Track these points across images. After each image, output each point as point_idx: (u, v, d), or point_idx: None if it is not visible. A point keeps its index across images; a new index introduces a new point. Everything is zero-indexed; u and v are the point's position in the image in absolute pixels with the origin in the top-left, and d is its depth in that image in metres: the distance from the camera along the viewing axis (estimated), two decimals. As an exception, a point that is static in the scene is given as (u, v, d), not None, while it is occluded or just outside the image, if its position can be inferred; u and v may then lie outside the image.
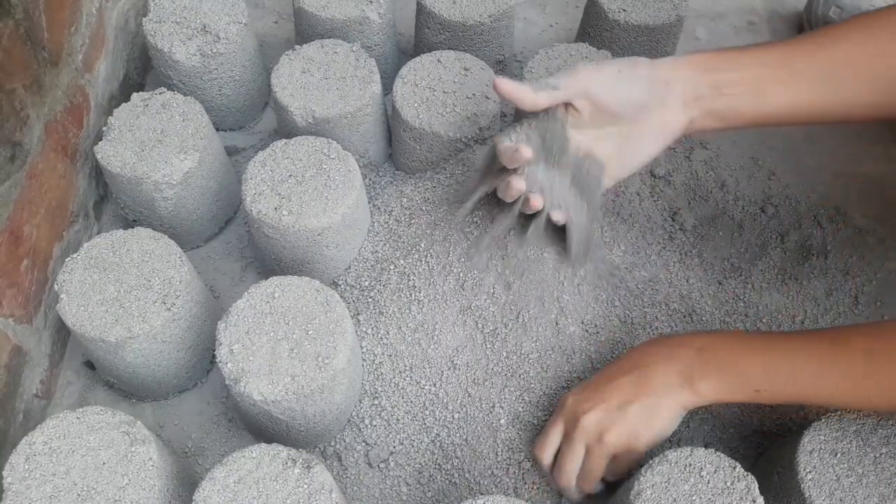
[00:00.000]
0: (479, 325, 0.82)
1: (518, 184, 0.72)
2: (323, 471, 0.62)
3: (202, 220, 0.90)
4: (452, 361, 0.81)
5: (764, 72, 0.68)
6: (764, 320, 0.85)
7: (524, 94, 0.69)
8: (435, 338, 0.82)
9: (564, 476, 0.71)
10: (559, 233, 0.79)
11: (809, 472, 0.66)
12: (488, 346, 0.82)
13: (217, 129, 0.91)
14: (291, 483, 0.61)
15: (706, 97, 0.69)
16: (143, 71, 1.08)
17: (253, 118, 1.05)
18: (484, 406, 0.79)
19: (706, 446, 0.66)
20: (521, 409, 0.79)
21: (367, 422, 0.78)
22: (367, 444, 0.77)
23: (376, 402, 0.78)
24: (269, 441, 0.64)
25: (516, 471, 0.76)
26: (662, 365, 0.68)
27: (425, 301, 0.84)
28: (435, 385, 0.79)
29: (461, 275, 0.86)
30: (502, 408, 0.79)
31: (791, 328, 0.85)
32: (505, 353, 0.80)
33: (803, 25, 1.16)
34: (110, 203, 0.95)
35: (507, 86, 0.69)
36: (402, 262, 0.86)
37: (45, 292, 0.80)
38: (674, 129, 0.71)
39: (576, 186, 0.74)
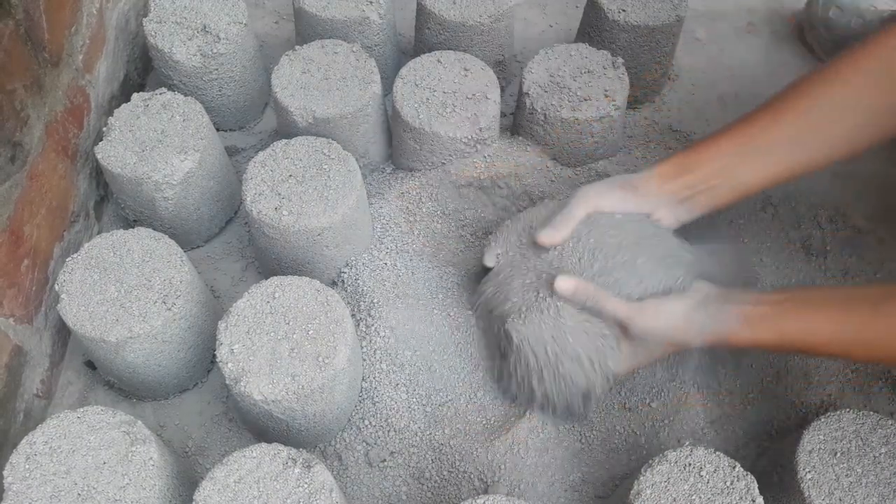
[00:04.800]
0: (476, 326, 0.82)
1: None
2: (323, 470, 0.62)
3: (202, 220, 0.90)
4: (451, 362, 0.81)
5: (731, 159, 0.73)
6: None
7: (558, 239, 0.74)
8: (434, 339, 0.82)
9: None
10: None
11: (809, 472, 0.66)
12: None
13: (217, 130, 0.91)
14: (291, 483, 0.61)
15: (687, 197, 0.75)
16: (144, 71, 1.08)
17: (253, 118, 1.05)
18: (482, 407, 0.79)
19: (706, 446, 0.66)
20: (518, 410, 0.79)
21: (367, 422, 0.78)
22: (367, 443, 0.77)
23: (376, 401, 0.78)
24: (269, 441, 0.64)
25: (515, 470, 0.76)
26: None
27: (424, 302, 0.85)
28: (434, 385, 0.79)
29: (460, 276, 0.86)
30: (501, 409, 0.79)
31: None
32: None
33: (803, 25, 1.16)
34: (111, 203, 0.95)
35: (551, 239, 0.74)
36: (400, 263, 0.86)
37: (45, 292, 0.80)
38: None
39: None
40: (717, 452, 0.65)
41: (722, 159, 0.73)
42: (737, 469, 0.64)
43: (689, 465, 0.64)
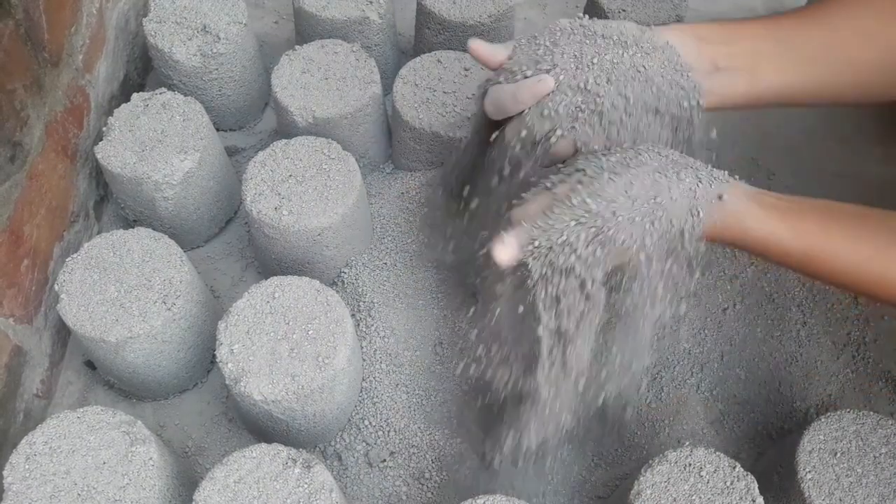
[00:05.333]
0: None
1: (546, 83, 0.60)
2: (323, 470, 0.62)
3: (202, 220, 0.90)
4: (451, 362, 0.81)
5: (758, 46, 0.65)
6: (763, 319, 0.85)
7: (497, 51, 0.63)
8: (434, 339, 0.82)
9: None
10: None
11: (809, 472, 0.66)
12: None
13: (217, 129, 0.91)
14: (291, 483, 0.61)
15: (702, 71, 0.64)
16: (144, 71, 1.08)
17: (253, 118, 1.05)
18: (481, 406, 0.79)
19: (706, 446, 0.66)
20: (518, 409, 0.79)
21: (367, 422, 0.78)
22: (367, 443, 0.77)
23: (376, 402, 0.78)
24: (269, 441, 0.64)
25: (515, 470, 0.76)
26: None
27: (424, 302, 0.85)
28: (434, 385, 0.79)
29: (460, 276, 0.86)
30: (500, 408, 0.79)
31: (789, 326, 0.85)
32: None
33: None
34: (110, 203, 0.95)
35: (480, 48, 0.63)
36: (400, 262, 0.86)
37: (45, 292, 0.80)
38: None
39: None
40: (718, 452, 0.65)
41: (749, 41, 0.65)
42: (737, 469, 0.64)
43: (690, 465, 0.64)
